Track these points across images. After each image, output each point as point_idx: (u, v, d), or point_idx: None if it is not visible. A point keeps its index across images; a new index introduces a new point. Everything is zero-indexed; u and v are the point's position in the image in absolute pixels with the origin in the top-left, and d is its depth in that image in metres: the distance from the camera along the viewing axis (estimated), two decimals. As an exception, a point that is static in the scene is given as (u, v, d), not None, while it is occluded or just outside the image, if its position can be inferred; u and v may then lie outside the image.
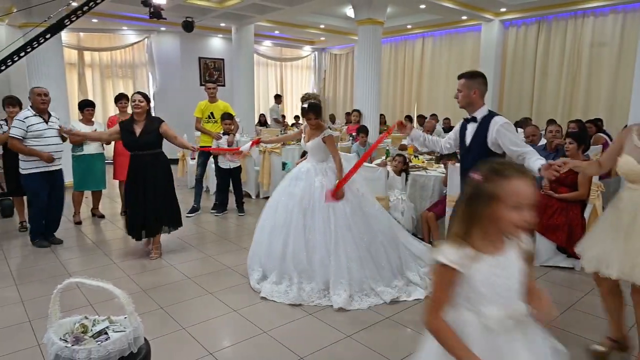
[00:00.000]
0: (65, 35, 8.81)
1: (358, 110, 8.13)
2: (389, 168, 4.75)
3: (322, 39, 12.89)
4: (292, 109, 13.97)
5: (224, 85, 11.01)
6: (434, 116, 9.44)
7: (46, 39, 5.85)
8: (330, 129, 10.28)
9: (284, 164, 6.67)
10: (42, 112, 4.49)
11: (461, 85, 2.94)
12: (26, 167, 4.39)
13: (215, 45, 11.47)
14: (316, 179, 3.51)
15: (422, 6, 8.30)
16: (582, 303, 3.34)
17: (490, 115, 2.89)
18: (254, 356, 2.66)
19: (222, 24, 10.12)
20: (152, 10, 6.14)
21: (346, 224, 3.37)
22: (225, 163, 5.75)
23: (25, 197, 5.28)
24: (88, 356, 1.66)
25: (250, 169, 6.83)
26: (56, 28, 5.89)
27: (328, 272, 3.32)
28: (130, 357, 1.78)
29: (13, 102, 5.04)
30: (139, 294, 3.46)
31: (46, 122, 4.49)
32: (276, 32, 11.68)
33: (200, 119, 5.91)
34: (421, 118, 9.81)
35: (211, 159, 6.08)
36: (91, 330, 1.79)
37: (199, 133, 6.24)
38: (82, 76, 10.54)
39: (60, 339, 1.72)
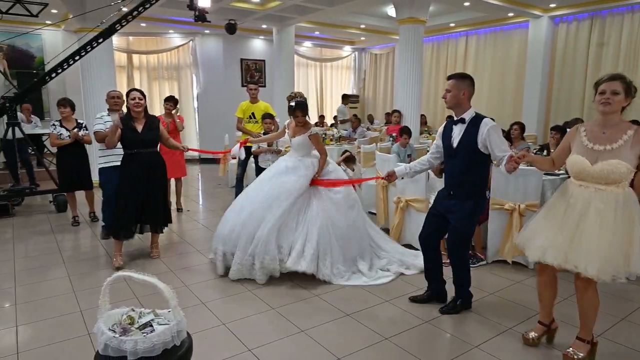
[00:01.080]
0: (115, 39, 9.21)
1: (398, 111, 8.02)
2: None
3: (362, 38, 12.83)
4: (332, 109, 14.00)
5: (264, 86, 11.17)
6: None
7: (99, 43, 6.15)
8: (369, 129, 10.20)
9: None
10: (115, 112, 4.75)
11: (450, 86, 2.98)
12: (101, 162, 4.68)
13: (257, 46, 11.67)
14: (305, 172, 3.86)
15: (467, 3, 8.09)
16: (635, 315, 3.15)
17: (479, 117, 2.94)
18: (292, 354, 2.68)
19: (264, 26, 10.27)
20: (197, 13, 6.29)
21: (332, 214, 3.80)
22: (266, 162, 5.80)
23: (76, 193, 5.58)
24: (134, 347, 1.72)
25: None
26: (108, 32, 6.19)
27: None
28: (173, 349, 1.83)
29: (65, 104, 5.32)
30: (182, 289, 3.56)
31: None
32: (316, 32, 11.74)
33: (241, 119, 6.01)
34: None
35: (252, 159, 6.18)
36: (137, 322, 1.85)
37: (240, 133, 6.35)
38: (131, 78, 11.00)
39: (109, 329, 1.79)
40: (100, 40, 6.13)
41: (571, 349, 2.51)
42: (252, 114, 6.01)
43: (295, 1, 8.12)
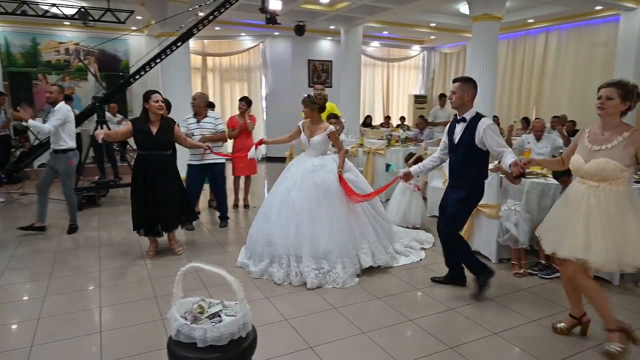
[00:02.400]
0: (192, 42, 9.73)
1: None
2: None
3: (432, 37, 12.49)
4: (398, 110, 13.78)
5: (330, 86, 11.25)
6: (539, 119, 8.45)
7: (177, 47, 6.54)
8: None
9: (387, 165, 6.60)
10: (198, 114, 5.14)
11: (456, 88, 3.26)
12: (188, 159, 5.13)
13: (324, 47, 11.78)
14: (332, 167, 3.97)
15: (547, -2, 7.58)
16: None
17: (478, 116, 3.25)
18: (352, 356, 2.66)
19: (332, 27, 10.34)
20: (268, 16, 6.48)
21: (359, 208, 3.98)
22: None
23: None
24: (204, 335, 1.81)
25: (354, 169, 6.87)
26: (186, 36, 6.56)
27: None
28: (239, 341, 1.89)
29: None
30: (249, 282, 3.68)
31: (198, 122, 5.12)
32: (385, 32, 11.61)
33: (307, 119, 6.09)
34: (525, 121, 8.82)
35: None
36: (207, 311, 1.94)
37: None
38: (205, 79, 11.57)
39: (181, 316, 1.89)
40: (179, 43, 6.52)
41: (607, 345, 2.58)
42: (319, 114, 6.06)
43: (364, 1, 8.08)
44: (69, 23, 9.50)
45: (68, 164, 4.96)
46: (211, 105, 5.80)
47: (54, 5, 7.80)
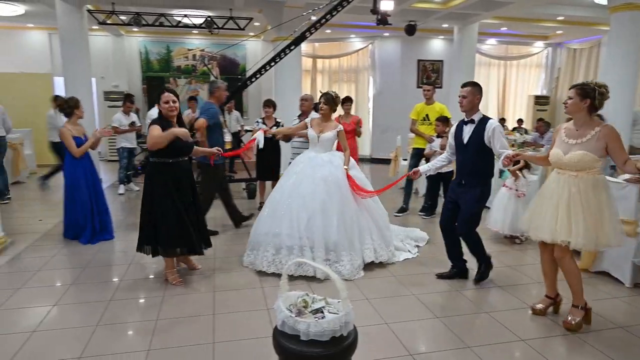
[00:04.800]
0: (304, 45, 10.11)
1: (600, 115, 6.81)
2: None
3: (559, 32, 11.34)
4: (515, 111, 12.78)
5: (440, 87, 10.84)
6: None
7: (291, 50, 6.84)
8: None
9: (501, 172, 6.14)
10: (306, 114, 5.27)
11: (467, 92, 3.54)
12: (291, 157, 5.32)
13: (435, 46, 11.40)
14: (339, 162, 4.08)
15: None
16: None
17: (485, 118, 3.56)
18: (456, 370, 2.52)
19: (444, 25, 9.96)
20: (379, 17, 6.46)
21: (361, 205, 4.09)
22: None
23: (267, 182, 6.28)
24: (307, 329, 1.85)
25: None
26: (299, 40, 6.82)
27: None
28: (340, 339, 1.90)
29: (270, 104, 6.03)
30: (349, 282, 3.69)
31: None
32: (503, 28, 10.84)
33: (415, 121, 5.94)
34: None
35: (423, 160, 6.05)
36: (310, 306, 1.98)
37: (412, 135, 6.29)
38: (314, 81, 11.95)
39: (287, 308, 1.96)
40: (292, 47, 6.81)
41: (569, 316, 2.97)
42: (427, 115, 5.88)
43: (482, -4, 7.64)
44: (196, 31, 10.50)
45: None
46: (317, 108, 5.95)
47: (185, 15, 8.69)
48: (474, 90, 3.55)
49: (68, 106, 4.69)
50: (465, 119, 3.62)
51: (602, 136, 2.75)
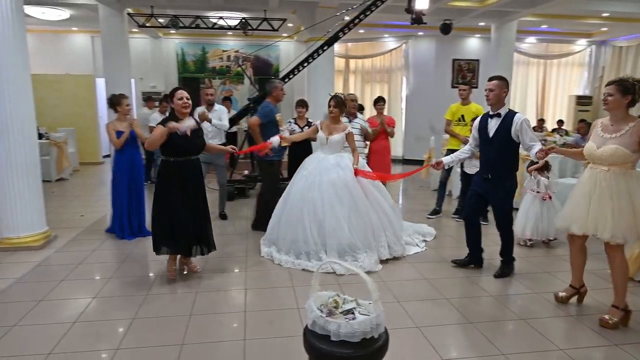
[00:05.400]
0: (337, 46, 10.10)
1: None
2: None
3: (604, 29, 10.84)
4: (555, 112, 12.32)
5: (476, 87, 10.58)
6: None
7: (324, 50, 6.84)
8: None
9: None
10: (349, 114, 5.30)
11: (494, 86, 3.59)
12: None
13: (471, 45, 11.15)
14: (348, 163, 4.15)
15: None
16: None
17: (512, 112, 3.58)
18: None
19: (481, 23, 9.72)
20: (414, 16, 6.37)
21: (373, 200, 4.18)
22: (472, 168, 5.49)
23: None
24: (337, 329, 1.83)
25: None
26: (332, 40, 6.82)
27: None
28: (371, 340, 1.88)
29: (303, 104, 6.05)
30: (380, 284, 3.65)
31: (350, 121, 5.26)
32: (544, 26, 10.47)
33: (450, 122, 5.82)
34: None
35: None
36: (341, 307, 1.96)
37: (447, 136, 6.16)
38: (346, 81, 11.91)
39: (317, 308, 1.95)
40: (325, 47, 6.81)
41: (607, 315, 2.95)
42: (462, 116, 5.75)
43: (521, -7, 7.40)
44: (231, 33, 10.67)
45: (224, 157, 5.56)
46: (361, 108, 5.92)
47: (221, 17, 8.86)
48: (501, 84, 3.59)
49: (111, 103, 4.90)
50: (491, 113, 3.64)
51: (637, 131, 2.77)
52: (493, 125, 3.61)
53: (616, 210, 2.77)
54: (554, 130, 9.81)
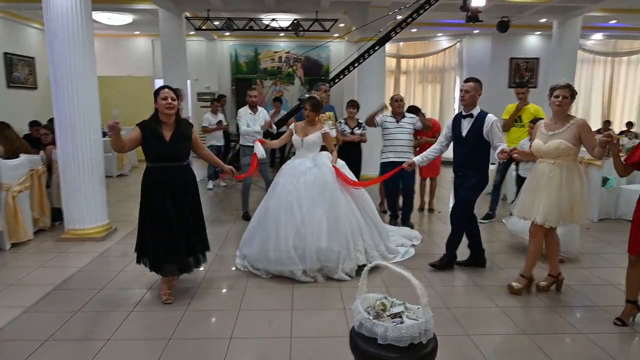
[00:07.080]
0: (388, 45, 9.99)
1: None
2: None
3: (680, 24, 10.02)
4: (624, 113, 11.50)
5: (535, 87, 10.10)
6: None
7: (375, 50, 6.79)
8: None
9: (605, 180, 5.56)
10: (398, 114, 5.25)
11: (470, 88, 3.76)
12: (381, 157, 5.34)
13: (530, 43, 10.65)
14: (325, 161, 4.00)
15: None
16: None
17: (483, 112, 3.76)
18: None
19: (542, 20, 9.26)
20: (469, 14, 6.18)
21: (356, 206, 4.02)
22: (526, 172, 5.23)
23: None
24: (384, 333, 1.80)
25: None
26: (384, 40, 6.75)
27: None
28: (419, 346, 1.83)
29: (354, 105, 6.02)
30: (428, 289, 3.55)
31: (397, 122, 5.23)
32: (612, 21, 9.82)
33: (508, 122, 5.58)
34: None
35: (512, 165, 5.68)
36: (389, 310, 1.93)
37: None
38: (397, 81, 11.75)
39: (365, 310, 1.93)
40: (377, 47, 6.76)
41: (511, 282, 3.52)
42: (519, 117, 5.51)
43: (587, -13, 6.98)
44: (283, 34, 10.85)
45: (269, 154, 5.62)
46: (416, 110, 5.78)
47: (273, 19, 9.02)
48: (476, 86, 3.78)
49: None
50: (464, 113, 3.82)
51: (576, 127, 3.20)
52: (466, 125, 3.78)
53: (560, 198, 3.18)
54: (622, 133, 9.18)
